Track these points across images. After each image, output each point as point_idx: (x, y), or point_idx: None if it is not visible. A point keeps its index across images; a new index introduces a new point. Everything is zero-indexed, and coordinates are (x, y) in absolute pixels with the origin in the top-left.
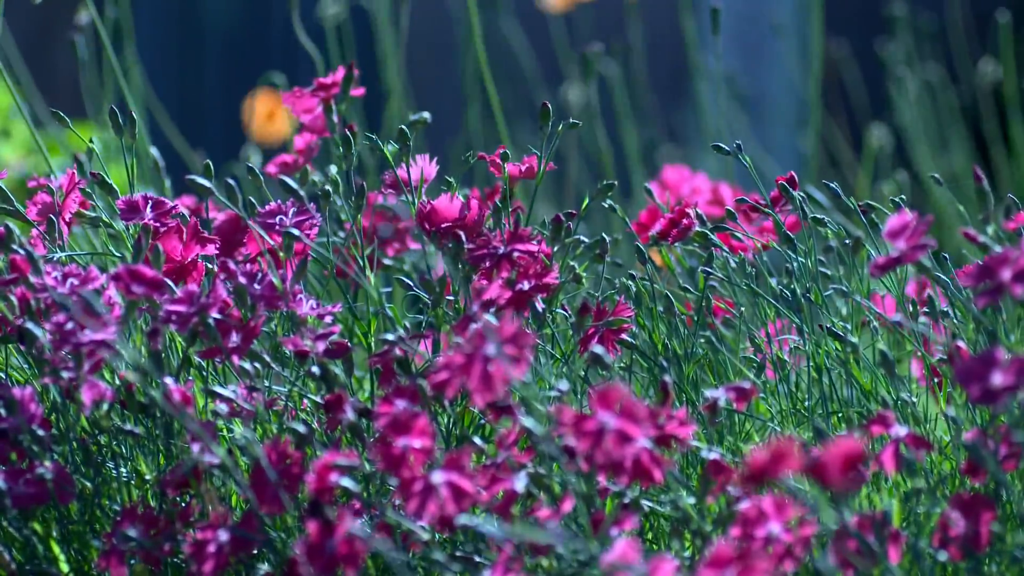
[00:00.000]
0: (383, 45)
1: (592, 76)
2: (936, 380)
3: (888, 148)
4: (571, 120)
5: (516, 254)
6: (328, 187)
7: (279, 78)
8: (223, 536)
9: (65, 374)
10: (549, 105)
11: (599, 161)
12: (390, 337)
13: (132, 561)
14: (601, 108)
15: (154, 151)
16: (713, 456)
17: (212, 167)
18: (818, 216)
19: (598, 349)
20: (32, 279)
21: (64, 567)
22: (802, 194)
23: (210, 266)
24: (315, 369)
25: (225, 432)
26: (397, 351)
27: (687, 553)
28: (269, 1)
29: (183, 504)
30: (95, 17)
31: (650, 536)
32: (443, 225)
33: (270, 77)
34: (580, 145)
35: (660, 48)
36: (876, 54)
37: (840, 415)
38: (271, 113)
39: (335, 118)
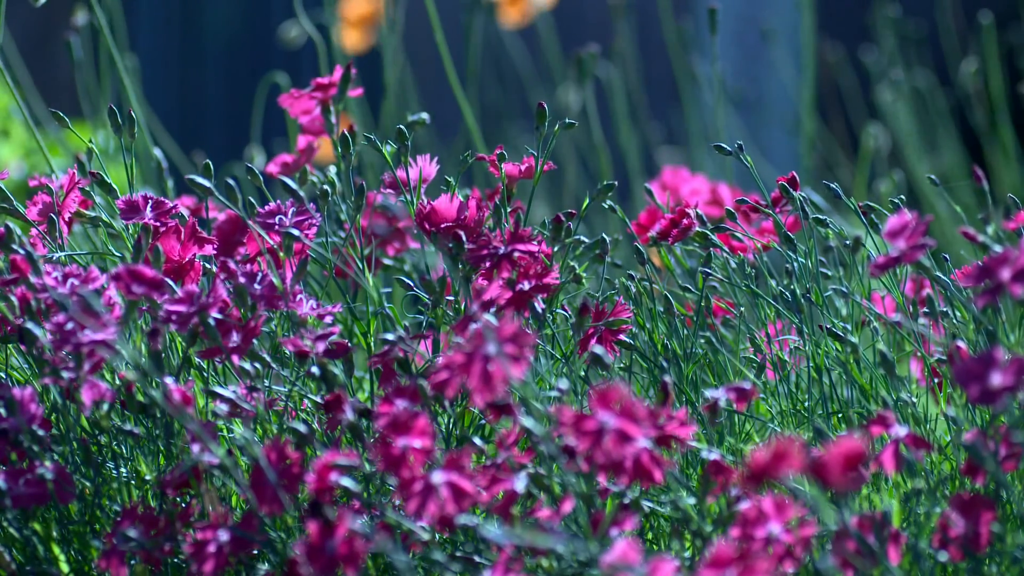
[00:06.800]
0: (385, 46)
1: (588, 78)
2: (936, 380)
3: (884, 149)
4: (567, 120)
5: (516, 254)
6: (327, 187)
7: (282, 78)
8: (223, 536)
9: (65, 374)
10: (545, 106)
11: (598, 163)
12: (390, 337)
13: (132, 561)
14: (600, 110)
15: (157, 151)
16: (713, 457)
17: (212, 167)
18: (819, 216)
19: (598, 349)
20: (32, 279)
21: (64, 567)
22: (802, 195)
23: (208, 266)
24: (315, 369)
25: (225, 432)
26: (397, 351)
27: (687, 553)
28: (269, 2)
29: (183, 504)
30: (97, 18)
31: (650, 536)
32: (443, 225)
33: (272, 78)
34: (578, 147)
35: (659, 49)
36: (872, 56)
37: (840, 415)
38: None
39: (333, 119)
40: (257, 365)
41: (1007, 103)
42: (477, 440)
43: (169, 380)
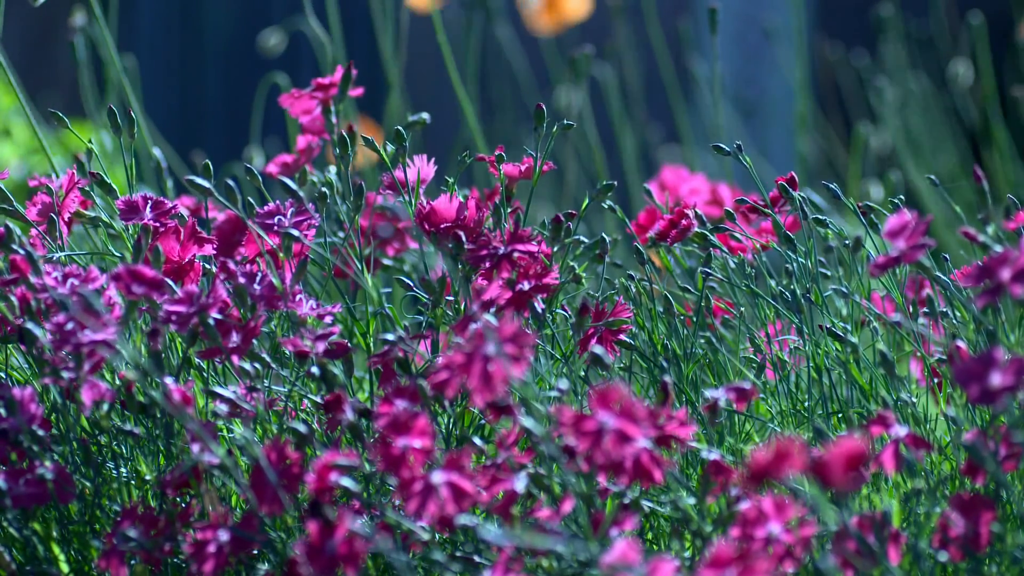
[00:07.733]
0: (384, 46)
1: (584, 78)
2: (936, 380)
3: (884, 150)
4: (566, 121)
5: (516, 254)
6: (325, 188)
7: (281, 79)
8: (223, 536)
9: (65, 374)
10: (543, 107)
11: (595, 163)
12: (390, 337)
13: (132, 561)
14: (600, 110)
15: (157, 152)
16: (713, 457)
17: (212, 167)
18: (819, 216)
19: (598, 349)
20: (32, 279)
21: (64, 567)
22: (801, 195)
23: (208, 266)
24: (315, 369)
25: (225, 432)
26: (397, 351)
27: (687, 553)
28: (269, 2)
29: (183, 504)
30: (96, 19)
31: (650, 536)
32: (443, 225)
33: (272, 78)
34: (578, 148)
35: (659, 49)
36: (873, 57)
37: (840, 415)
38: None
39: (333, 119)
40: (257, 365)
41: (1007, 104)
42: (477, 440)
43: (169, 380)
